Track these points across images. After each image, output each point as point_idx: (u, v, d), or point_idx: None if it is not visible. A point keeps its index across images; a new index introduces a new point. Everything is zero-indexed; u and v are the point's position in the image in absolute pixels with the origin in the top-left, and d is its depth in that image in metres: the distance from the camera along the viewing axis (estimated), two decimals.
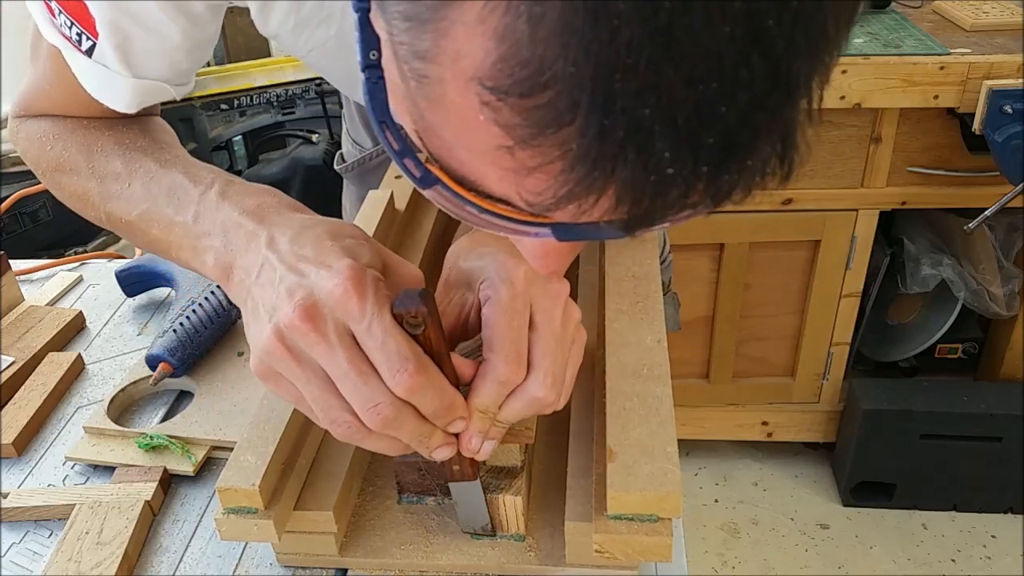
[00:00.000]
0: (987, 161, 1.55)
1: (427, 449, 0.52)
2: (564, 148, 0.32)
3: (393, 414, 0.48)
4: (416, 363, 0.47)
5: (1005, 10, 1.66)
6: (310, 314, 0.48)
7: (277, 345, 0.48)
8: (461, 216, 0.40)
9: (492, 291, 0.54)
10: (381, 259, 0.54)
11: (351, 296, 0.48)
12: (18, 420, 0.77)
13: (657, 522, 0.53)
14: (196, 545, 0.66)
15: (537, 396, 0.53)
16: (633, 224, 0.36)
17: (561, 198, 0.34)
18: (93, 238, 1.95)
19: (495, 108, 0.32)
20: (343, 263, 0.49)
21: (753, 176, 0.35)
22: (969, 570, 1.86)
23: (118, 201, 0.66)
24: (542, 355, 0.53)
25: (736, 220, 1.74)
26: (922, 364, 2.02)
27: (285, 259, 0.51)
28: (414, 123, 0.38)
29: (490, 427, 0.53)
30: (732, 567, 1.90)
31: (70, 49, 0.65)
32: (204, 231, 0.59)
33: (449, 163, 0.38)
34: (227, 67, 2.28)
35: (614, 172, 0.32)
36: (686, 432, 2.01)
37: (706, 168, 0.32)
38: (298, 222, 0.55)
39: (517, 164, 0.34)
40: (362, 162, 1.06)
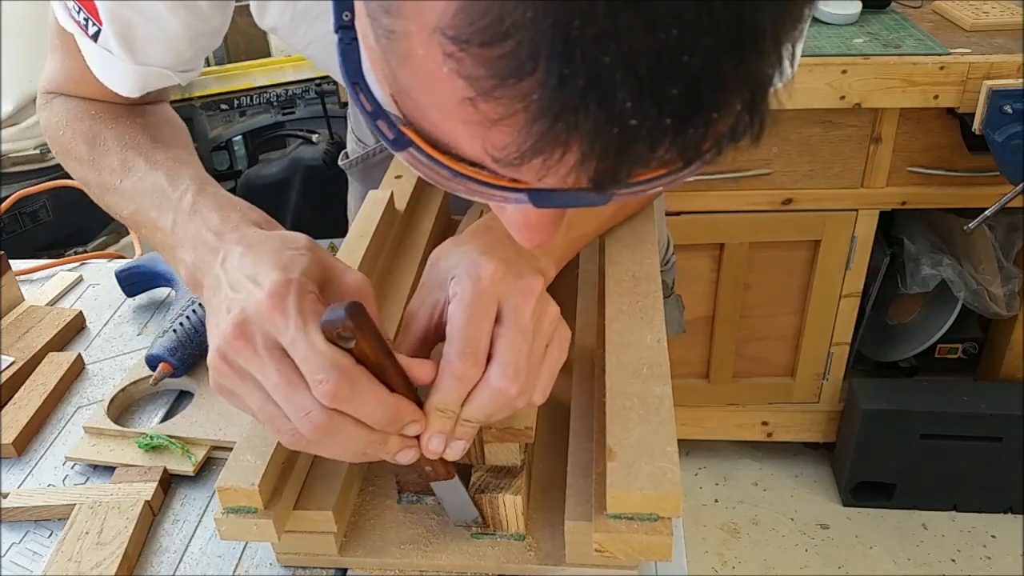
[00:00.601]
0: (987, 161, 1.55)
1: (387, 454, 0.52)
2: (526, 100, 0.32)
3: (325, 421, 0.49)
4: (339, 373, 0.48)
5: (1005, 10, 1.66)
6: (241, 330, 0.50)
7: (220, 362, 0.51)
8: (435, 180, 0.40)
9: (459, 287, 0.54)
10: (323, 268, 0.54)
11: (274, 311, 0.49)
12: (18, 420, 0.77)
13: (657, 521, 0.53)
14: (196, 545, 0.66)
15: (498, 387, 0.52)
16: (601, 181, 0.35)
17: (526, 152, 0.34)
18: (93, 238, 1.95)
19: (457, 59, 0.32)
20: (270, 278, 0.50)
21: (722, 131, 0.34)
22: (969, 570, 1.86)
23: (113, 196, 0.69)
24: (504, 347, 0.52)
25: (736, 220, 1.74)
26: (922, 364, 2.02)
27: (230, 277, 0.53)
28: (389, 86, 0.38)
29: (454, 426, 0.53)
30: (732, 567, 1.90)
31: (80, 33, 0.68)
32: (179, 242, 0.61)
33: (422, 125, 0.38)
34: (227, 67, 2.28)
35: (577, 124, 0.32)
36: (686, 432, 2.01)
37: (670, 120, 0.32)
38: (250, 239, 0.56)
39: (481, 117, 0.34)
40: (365, 158, 1.06)
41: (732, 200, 1.71)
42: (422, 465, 0.55)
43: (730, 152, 0.36)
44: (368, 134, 1.06)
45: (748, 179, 1.69)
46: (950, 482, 1.93)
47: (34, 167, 1.84)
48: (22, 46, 1.76)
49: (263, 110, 2.31)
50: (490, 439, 0.59)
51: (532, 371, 0.54)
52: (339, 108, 2.29)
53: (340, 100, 2.25)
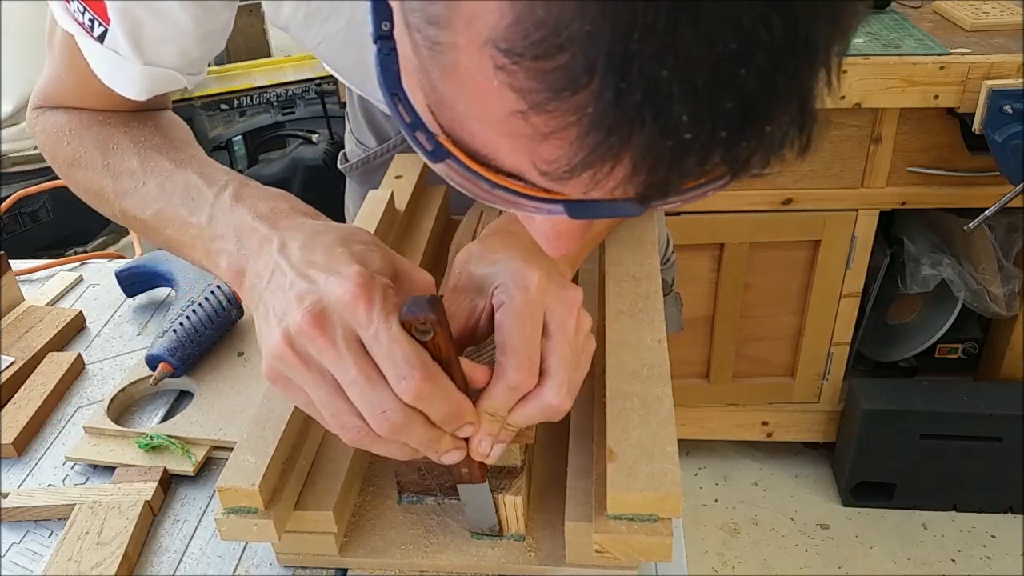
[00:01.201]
0: (987, 161, 1.55)
1: (436, 453, 0.52)
2: (580, 112, 0.32)
3: (402, 420, 0.48)
4: (423, 370, 0.47)
5: (1005, 10, 1.66)
6: (319, 320, 0.48)
7: (287, 350, 0.49)
8: (472, 192, 0.40)
9: (506, 296, 0.54)
10: (392, 265, 0.54)
11: (359, 303, 0.48)
12: (18, 420, 0.77)
13: (657, 522, 0.53)
14: (196, 545, 0.66)
15: (552, 404, 0.53)
16: (648, 195, 0.35)
17: (576, 166, 0.33)
18: (93, 238, 1.95)
19: (509, 71, 0.32)
20: (352, 269, 0.49)
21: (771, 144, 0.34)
22: (969, 570, 1.86)
23: (132, 199, 0.67)
24: (557, 363, 0.53)
25: (736, 220, 1.74)
26: (922, 364, 2.02)
27: (296, 265, 0.52)
28: (426, 96, 0.37)
29: (500, 430, 0.53)
30: (732, 567, 1.90)
31: (83, 35, 0.66)
32: (218, 234, 0.59)
33: (461, 136, 0.37)
34: (227, 67, 2.28)
35: (631, 137, 0.32)
36: (686, 432, 2.01)
37: (724, 133, 0.32)
38: (310, 228, 0.55)
39: (531, 130, 0.33)
40: (366, 161, 1.06)
41: (732, 200, 1.71)
42: (460, 467, 0.55)
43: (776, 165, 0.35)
44: (368, 136, 1.06)
45: (748, 179, 1.68)
46: (950, 482, 1.93)
47: (34, 167, 1.84)
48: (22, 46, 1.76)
49: (263, 110, 2.31)
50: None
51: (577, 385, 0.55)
52: (339, 108, 2.29)
53: (340, 100, 2.25)
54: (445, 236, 0.89)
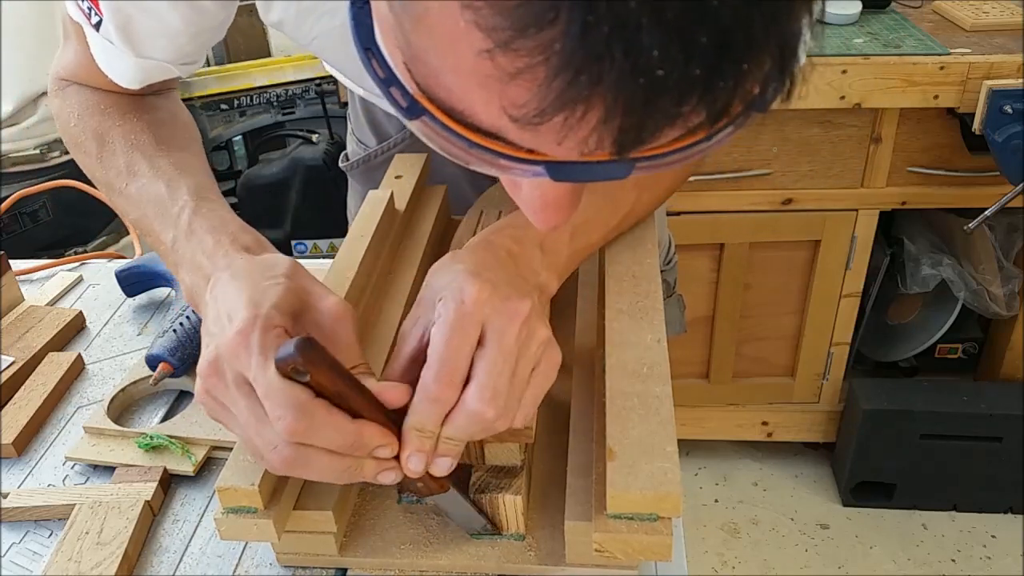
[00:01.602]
0: (987, 161, 1.55)
1: (364, 478, 0.53)
2: (547, 51, 0.31)
3: (291, 455, 0.50)
4: (295, 411, 0.48)
5: (1005, 10, 1.66)
6: (214, 367, 0.52)
7: (204, 395, 0.53)
8: (450, 151, 0.39)
9: (442, 308, 0.53)
10: (298, 296, 0.55)
11: (239, 348, 0.51)
12: (18, 420, 0.77)
13: (657, 521, 0.53)
14: (196, 545, 0.66)
15: (474, 410, 0.52)
16: (625, 142, 0.34)
17: (547, 109, 0.33)
18: (93, 238, 1.95)
19: (475, 9, 0.31)
20: (240, 316, 0.52)
21: (751, 85, 0.33)
22: (969, 570, 1.86)
23: (119, 198, 0.71)
24: (484, 371, 0.52)
25: (736, 220, 1.74)
26: (922, 364, 2.02)
27: (213, 309, 0.55)
28: (402, 53, 0.37)
29: (435, 446, 0.53)
30: (732, 567, 1.90)
31: (84, 23, 0.68)
32: (180, 262, 0.64)
33: (437, 92, 0.37)
34: (227, 67, 2.28)
35: (601, 77, 0.31)
36: (686, 432, 2.01)
37: (699, 70, 0.31)
38: (236, 267, 0.57)
39: (499, 71, 0.32)
40: (367, 159, 1.06)
41: (732, 200, 1.71)
42: (414, 481, 0.55)
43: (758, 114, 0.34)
44: (369, 135, 1.06)
45: (748, 179, 1.69)
46: (950, 482, 1.93)
47: (34, 167, 1.84)
48: (22, 46, 1.76)
49: (263, 110, 2.31)
50: (490, 439, 0.59)
51: (514, 394, 0.53)
52: (339, 108, 2.29)
53: (340, 100, 2.25)
54: (445, 236, 0.89)
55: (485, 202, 0.86)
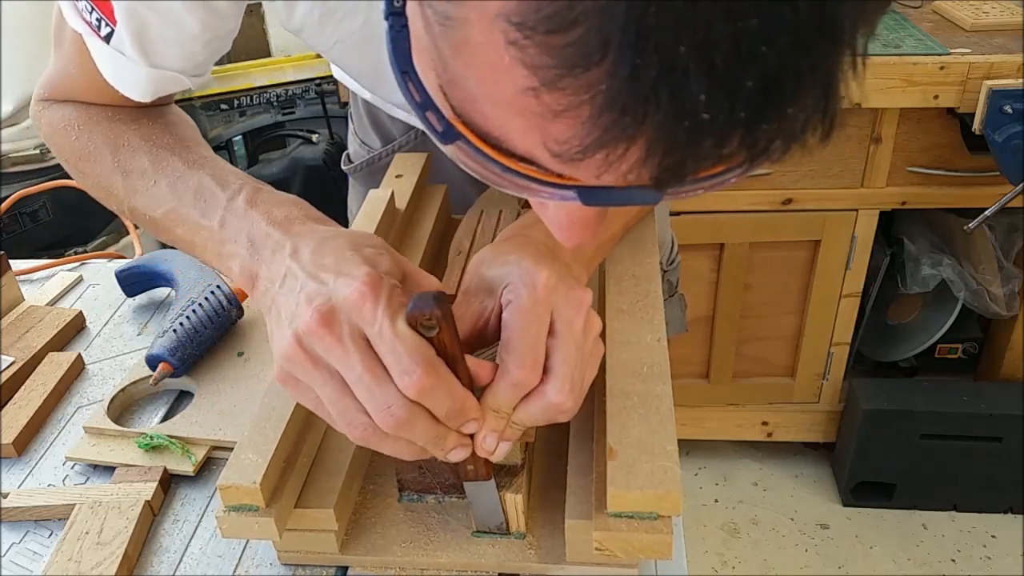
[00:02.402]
0: (987, 161, 1.55)
1: (442, 451, 0.52)
2: (593, 90, 0.31)
3: (405, 416, 0.48)
4: (426, 366, 0.48)
5: (1005, 10, 1.66)
6: (327, 319, 0.49)
7: (296, 350, 0.50)
8: (483, 175, 0.39)
9: (513, 295, 0.54)
10: (401, 269, 0.55)
11: (366, 301, 0.49)
12: (18, 420, 0.77)
13: (657, 520, 0.53)
14: (196, 545, 0.66)
15: (554, 402, 0.53)
16: (664, 179, 0.34)
17: (588, 146, 0.33)
18: (93, 238, 1.95)
19: (521, 47, 0.31)
20: (361, 271, 0.50)
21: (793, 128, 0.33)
22: (969, 570, 1.86)
23: (143, 198, 0.67)
24: (561, 361, 0.53)
25: (736, 220, 1.75)
26: (922, 364, 2.02)
27: (307, 268, 0.53)
28: (437, 76, 0.37)
29: (505, 427, 0.53)
30: (732, 567, 1.90)
31: (90, 34, 0.66)
32: (230, 237, 0.60)
33: (472, 117, 0.37)
34: (227, 67, 2.28)
35: (646, 117, 0.31)
36: (686, 432, 2.01)
37: (744, 114, 0.31)
38: (321, 233, 0.56)
39: (543, 108, 0.32)
40: (370, 162, 1.06)
41: (732, 200, 1.71)
42: (466, 464, 0.55)
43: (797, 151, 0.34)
44: (373, 137, 1.06)
45: (748, 179, 1.69)
46: (950, 482, 1.93)
47: (34, 167, 1.84)
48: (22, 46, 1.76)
49: (263, 110, 2.31)
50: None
51: (582, 383, 0.55)
52: (339, 108, 2.29)
53: (340, 100, 2.25)
54: (445, 236, 0.89)
55: (485, 202, 0.86)
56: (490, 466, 0.57)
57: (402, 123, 1.01)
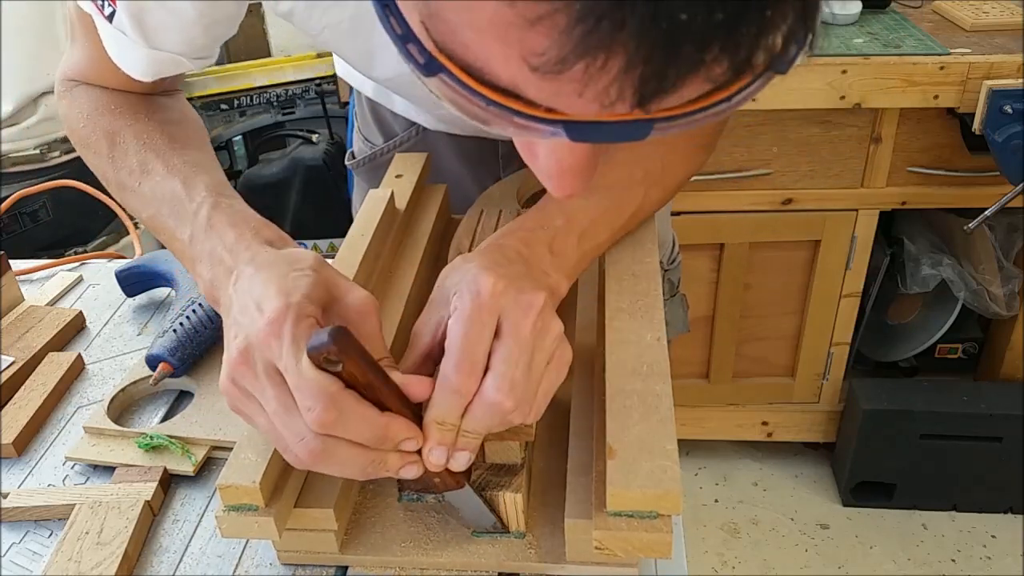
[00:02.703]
0: (987, 161, 1.55)
1: (387, 472, 0.53)
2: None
3: (319, 447, 0.50)
4: (325, 401, 0.48)
5: (1005, 10, 1.66)
6: (244, 356, 0.52)
7: (229, 384, 0.53)
8: (467, 110, 0.39)
9: (458, 302, 0.54)
10: (327, 288, 0.55)
11: (270, 337, 0.50)
12: (18, 420, 0.77)
13: (657, 519, 0.53)
14: (196, 545, 0.66)
15: (492, 400, 0.52)
16: (647, 93, 0.33)
17: (567, 56, 0.32)
18: (93, 238, 1.95)
19: None
20: (271, 305, 0.51)
21: (774, 35, 0.32)
22: (969, 570, 1.86)
23: (131, 197, 0.70)
24: (500, 360, 0.52)
25: (736, 220, 1.75)
26: (922, 364, 2.02)
27: (239, 300, 0.55)
28: (419, 12, 0.37)
29: (455, 439, 0.53)
30: (732, 567, 1.90)
31: (96, 13, 0.68)
32: (197, 256, 0.63)
33: (454, 49, 0.37)
34: (227, 67, 2.28)
35: (624, 23, 0.31)
36: (686, 432, 2.01)
37: (721, 15, 0.31)
38: (260, 259, 0.57)
39: (519, 18, 0.32)
40: (373, 158, 1.07)
41: (732, 200, 1.71)
42: (431, 477, 0.55)
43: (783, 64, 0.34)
44: (376, 133, 1.06)
45: (748, 179, 1.69)
46: (950, 482, 1.93)
47: (34, 167, 1.84)
48: (22, 46, 1.76)
49: (263, 110, 2.31)
50: (490, 437, 0.59)
51: (530, 386, 0.54)
52: (339, 108, 2.29)
53: (340, 100, 2.25)
54: (445, 235, 0.89)
55: (485, 201, 0.86)
56: (459, 475, 0.56)
57: (403, 119, 1.02)
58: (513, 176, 0.91)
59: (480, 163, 1.00)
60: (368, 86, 1.00)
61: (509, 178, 0.91)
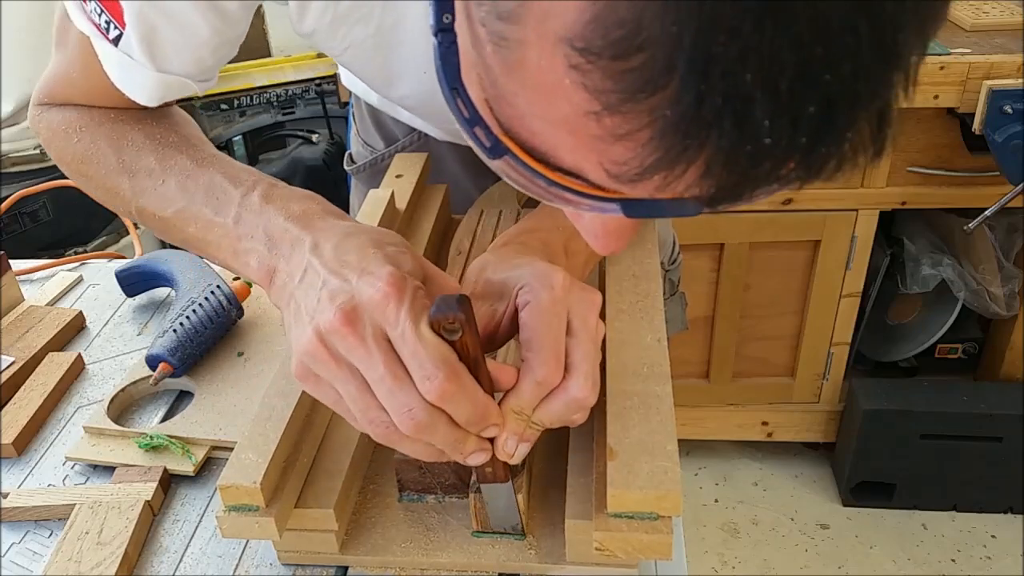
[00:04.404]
0: (987, 161, 1.55)
1: (461, 455, 0.52)
2: (656, 114, 0.31)
3: (426, 419, 0.48)
4: (448, 370, 0.47)
5: (1005, 10, 1.66)
6: (350, 318, 0.48)
7: (318, 347, 0.49)
8: (528, 189, 0.39)
9: (531, 296, 0.54)
10: (422, 269, 0.54)
11: (390, 302, 0.48)
12: (18, 420, 0.77)
13: (657, 520, 0.53)
14: (196, 545, 0.66)
15: (577, 397, 0.53)
16: (719, 198, 0.34)
17: (647, 168, 0.33)
18: (93, 238, 1.95)
19: (584, 71, 0.31)
20: (385, 270, 0.49)
21: (847, 150, 0.33)
22: (969, 570, 1.86)
23: (151, 197, 0.66)
24: (581, 358, 0.53)
25: (736, 220, 1.74)
26: (922, 364, 2.02)
27: (328, 264, 0.52)
28: (484, 91, 0.37)
29: (525, 429, 0.53)
30: (732, 567, 1.90)
31: (98, 36, 0.65)
32: (246, 233, 0.59)
33: (520, 132, 0.37)
34: (227, 67, 2.28)
35: (707, 141, 0.31)
36: (686, 432, 2.02)
37: (804, 139, 0.31)
38: (342, 229, 0.55)
39: (603, 132, 0.32)
40: (373, 163, 1.06)
41: None
42: (484, 467, 0.55)
43: (848, 171, 0.35)
44: (376, 138, 1.06)
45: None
46: (950, 482, 1.93)
47: (34, 167, 1.84)
48: (22, 46, 1.76)
49: (263, 110, 2.32)
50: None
51: (599, 379, 0.55)
52: (339, 108, 2.29)
53: (340, 100, 2.25)
54: (445, 236, 0.90)
55: (485, 202, 0.86)
56: (507, 468, 0.56)
57: (404, 125, 1.01)
58: None
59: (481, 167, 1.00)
60: (373, 95, 0.99)
61: None
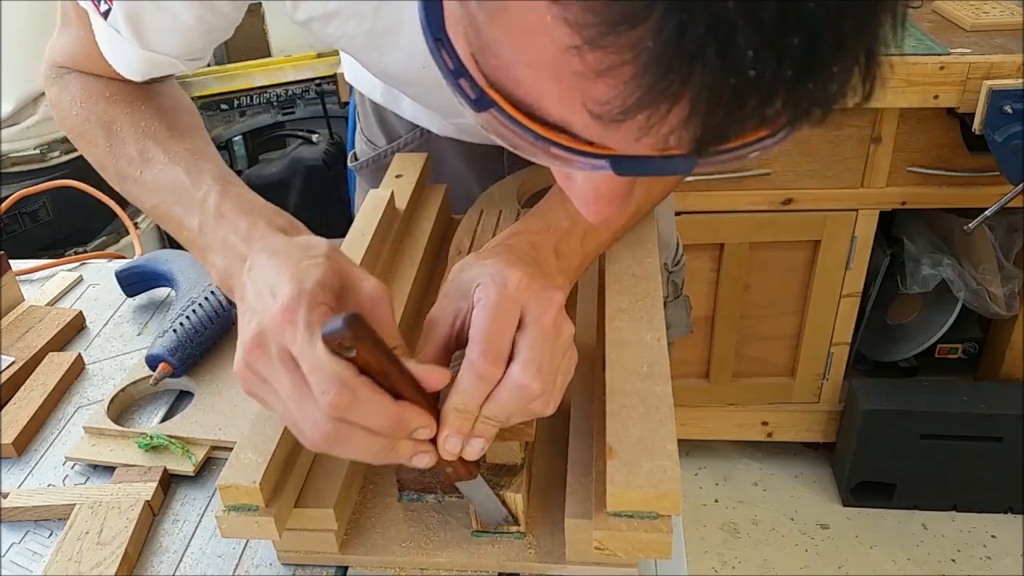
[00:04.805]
0: (987, 161, 1.55)
1: (398, 459, 0.53)
2: (638, 48, 0.30)
3: (331, 431, 0.50)
4: (339, 386, 0.48)
5: (1005, 10, 1.66)
6: (258, 341, 0.52)
7: (244, 369, 0.53)
8: (515, 144, 0.39)
9: (482, 293, 0.55)
10: (340, 276, 0.55)
11: (284, 324, 0.50)
12: (18, 420, 0.77)
13: (657, 519, 0.53)
14: (196, 545, 0.66)
15: (520, 384, 0.52)
16: (704, 141, 0.33)
17: (631, 106, 0.32)
18: (93, 238, 1.95)
19: (564, 4, 0.31)
20: (285, 292, 0.52)
21: (835, 89, 0.33)
22: (969, 570, 1.86)
23: (132, 186, 0.69)
24: (526, 347, 0.53)
25: (736, 220, 1.75)
26: (922, 364, 2.02)
27: (253, 287, 0.55)
28: (469, 44, 0.36)
29: (472, 426, 0.53)
30: (732, 567, 1.90)
31: (92, 9, 0.67)
32: (208, 245, 0.62)
33: (505, 84, 0.36)
34: (227, 67, 2.28)
35: (691, 75, 0.30)
36: (686, 432, 2.01)
37: (790, 72, 0.31)
38: (274, 247, 0.57)
39: (585, 68, 0.32)
40: (376, 159, 1.06)
41: (732, 200, 1.71)
42: (443, 466, 0.55)
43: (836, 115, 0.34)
44: (378, 134, 1.06)
45: (748, 179, 1.69)
46: (950, 482, 1.93)
47: (34, 167, 1.84)
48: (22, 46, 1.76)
49: (263, 110, 2.32)
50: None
51: (552, 374, 0.54)
52: (339, 108, 2.29)
53: (340, 100, 2.25)
54: (445, 236, 0.90)
55: (485, 201, 0.86)
56: (471, 465, 0.56)
57: (407, 122, 1.01)
58: (513, 176, 0.91)
59: (484, 165, 1.00)
60: (377, 92, 1.00)
61: (509, 178, 0.91)
